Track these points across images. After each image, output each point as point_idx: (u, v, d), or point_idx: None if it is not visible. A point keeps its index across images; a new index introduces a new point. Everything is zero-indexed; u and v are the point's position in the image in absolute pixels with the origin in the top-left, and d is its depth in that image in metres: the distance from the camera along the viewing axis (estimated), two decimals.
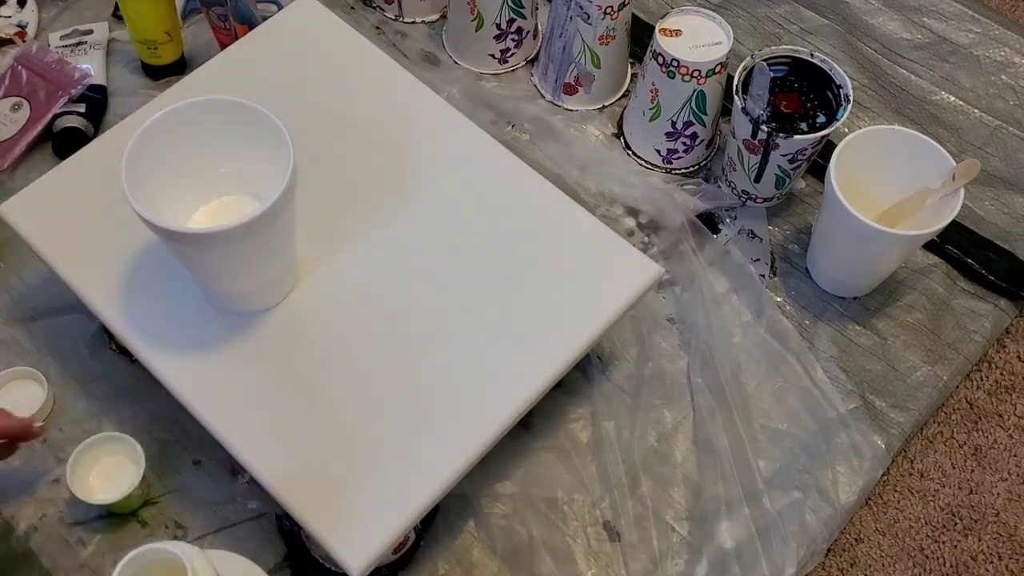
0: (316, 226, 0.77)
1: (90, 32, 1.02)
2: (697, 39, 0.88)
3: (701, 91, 0.89)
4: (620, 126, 1.00)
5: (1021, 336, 0.92)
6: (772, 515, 0.80)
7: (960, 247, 0.93)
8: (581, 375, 0.85)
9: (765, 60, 0.88)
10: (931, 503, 0.84)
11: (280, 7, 1.04)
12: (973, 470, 0.85)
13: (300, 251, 0.74)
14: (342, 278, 0.76)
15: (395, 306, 0.74)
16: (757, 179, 0.91)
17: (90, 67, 0.99)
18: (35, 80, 0.97)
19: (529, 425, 0.82)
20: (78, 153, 0.80)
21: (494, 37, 0.99)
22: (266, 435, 0.69)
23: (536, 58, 1.03)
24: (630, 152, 0.98)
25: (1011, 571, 0.81)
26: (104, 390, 0.83)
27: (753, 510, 0.80)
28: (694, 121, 0.92)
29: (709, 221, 0.94)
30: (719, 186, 0.96)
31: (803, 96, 0.89)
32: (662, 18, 0.89)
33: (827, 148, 0.88)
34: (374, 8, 1.07)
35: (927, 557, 0.81)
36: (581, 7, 0.91)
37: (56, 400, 0.83)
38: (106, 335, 0.85)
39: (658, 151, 0.96)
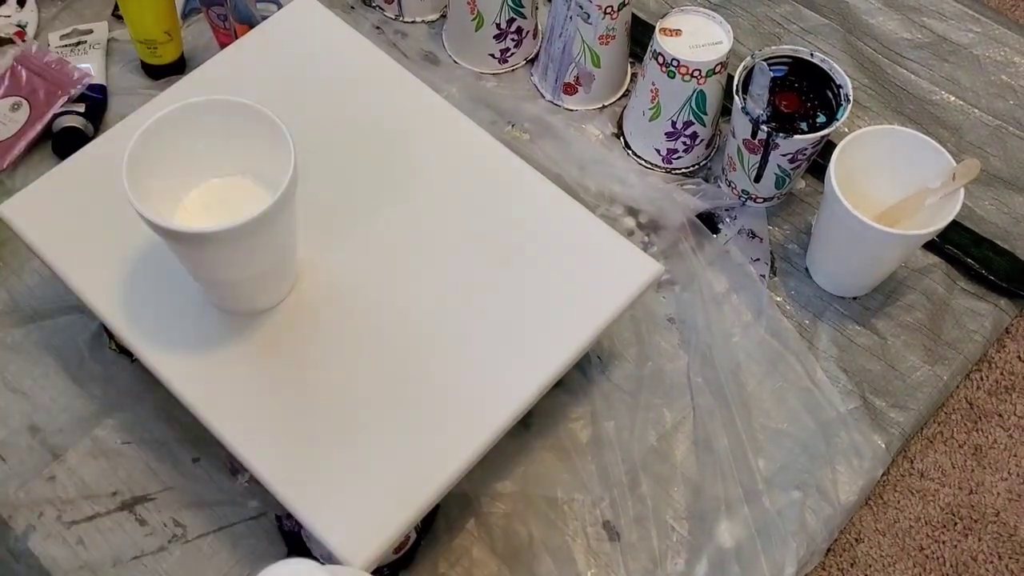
0: (315, 225, 0.77)
1: (90, 32, 1.02)
2: (697, 39, 0.88)
3: (701, 91, 0.89)
4: (620, 126, 1.00)
5: (1021, 336, 0.92)
6: (772, 515, 0.80)
7: (960, 247, 0.93)
8: (581, 374, 0.85)
9: (765, 60, 0.88)
10: (931, 503, 0.84)
11: (280, 6, 1.04)
12: (973, 470, 0.85)
13: (299, 250, 0.74)
14: (341, 278, 0.76)
15: (395, 305, 0.74)
16: (757, 179, 0.91)
17: (90, 67, 0.99)
18: (35, 80, 0.97)
19: (529, 424, 0.82)
20: (78, 153, 0.80)
21: (494, 37, 0.99)
22: (267, 434, 0.69)
23: (536, 58, 1.03)
24: (630, 152, 0.98)
25: (1011, 571, 0.81)
26: (104, 390, 0.83)
27: (753, 510, 0.80)
28: (694, 121, 0.92)
29: (709, 221, 0.94)
30: (719, 186, 0.96)
31: (803, 96, 0.89)
32: (662, 18, 0.89)
33: (827, 148, 0.88)
34: (374, 7, 1.07)
35: (927, 557, 0.81)
36: (581, 7, 0.91)
37: (55, 400, 0.83)
38: (106, 335, 0.85)
39: (658, 151, 0.96)
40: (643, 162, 0.97)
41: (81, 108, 0.96)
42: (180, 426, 0.81)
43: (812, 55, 0.88)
